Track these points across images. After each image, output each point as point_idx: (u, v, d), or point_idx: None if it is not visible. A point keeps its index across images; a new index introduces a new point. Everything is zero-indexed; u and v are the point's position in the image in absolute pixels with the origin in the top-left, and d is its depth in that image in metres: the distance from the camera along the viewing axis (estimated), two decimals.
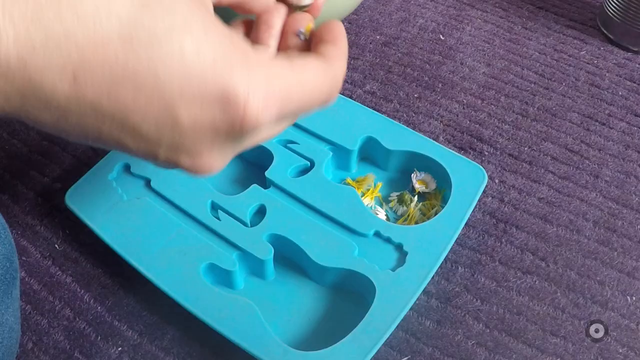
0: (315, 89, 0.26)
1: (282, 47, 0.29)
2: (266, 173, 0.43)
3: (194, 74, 0.22)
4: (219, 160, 0.25)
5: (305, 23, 0.29)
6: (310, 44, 0.29)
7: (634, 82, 0.56)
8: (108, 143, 0.23)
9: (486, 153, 0.50)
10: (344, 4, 0.55)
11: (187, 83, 0.22)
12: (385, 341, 0.36)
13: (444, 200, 0.44)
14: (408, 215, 0.44)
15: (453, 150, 0.47)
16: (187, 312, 0.37)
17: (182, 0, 0.22)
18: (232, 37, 0.23)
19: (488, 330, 0.39)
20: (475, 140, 0.51)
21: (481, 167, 0.44)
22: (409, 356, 0.38)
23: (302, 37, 0.29)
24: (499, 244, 0.44)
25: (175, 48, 0.21)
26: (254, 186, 0.43)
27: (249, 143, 0.26)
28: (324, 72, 0.26)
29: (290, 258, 0.41)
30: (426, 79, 0.57)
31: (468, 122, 0.53)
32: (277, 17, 0.30)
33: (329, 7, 0.54)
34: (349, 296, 0.40)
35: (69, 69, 0.20)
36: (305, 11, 0.30)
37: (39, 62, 0.20)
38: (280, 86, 0.24)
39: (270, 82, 0.24)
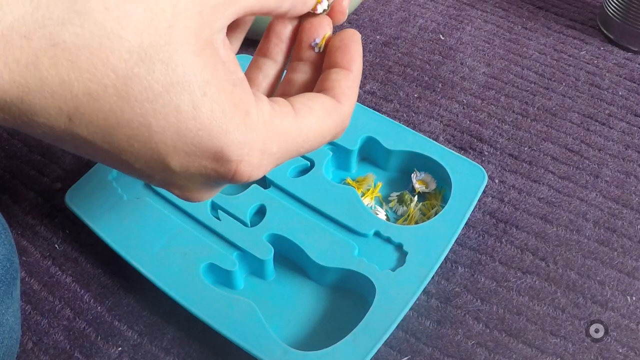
0: (319, 136, 0.25)
1: (295, 58, 0.29)
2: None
3: (188, 134, 0.22)
4: (208, 195, 0.26)
5: (322, 31, 0.28)
6: (323, 54, 0.28)
7: (634, 82, 0.56)
8: (104, 164, 0.24)
9: (486, 153, 0.50)
10: None
11: (181, 140, 0.22)
12: (385, 341, 0.36)
13: (444, 200, 0.44)
14: (408, 215, 0.44)
15: (453, 150, 0.47)
16: (187, 312, 0.37)
17: (184, 50, 0.21)
18: (234, 93, 0.22)
19: (488, 330, 0.39)
20: (475, 140, 0.51)
21: (481, 167, 0.44)
22: (409, 356, 0.38)
23: (316, 49, 0.28)
24: (499, 244, 0.44)
25: (171, 106, 0.21)
26: (254, 186, 0.43)
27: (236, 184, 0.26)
28: (332, 116, 0.26)
29: (290, 258, 0.41)
30: (426, 79, 0.57)
31: (468, 122, 0.53)
32: (289, 27, 0.28)
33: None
34: (349, 296, 0.40)
35: (64, 112, 0.20)
36: (327, 14, 0.28)
37: (35, 102, 0.20)
38: (279, 145, 0.24)
39: (267, 142, 0.23)
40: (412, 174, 0.46)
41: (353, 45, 0.27)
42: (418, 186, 0.45)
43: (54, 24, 0.19)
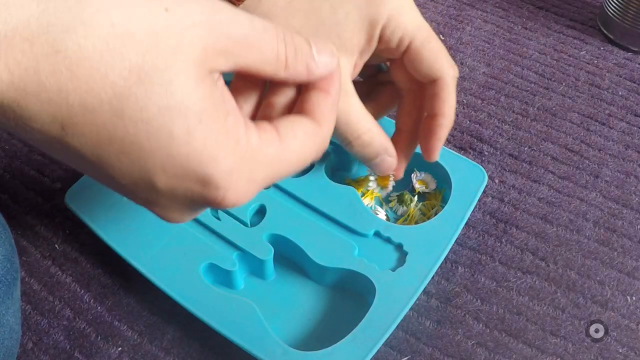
0: (301, 159, 0.26)
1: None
2: None
3: (178, 157, 0.22)
4: (188, 217, 0.26)
5: None
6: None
7: (634, 82, 0.56)
8: (91, 177, 0.24)
9: (486, 153, 0.50)
10: None
11: (171, 162, 0.22)
12: (385, 341, 0.36)
13: (444, 200, 0.44)
14: (408, 215, 0.44)
15: (453, 150, 0.47)
16: (187, 312, 0.37)
17: (185, 77, 0.21)
18: (227, 121, 0.23)
19: (488, 330, 0.39)
20: (475, 140, 0.51)
21: (481, 167, 0.44)
22: (409, 356, 0.38)
23: None
24: (499, 244, 0.44)
25: (165, 129, 0.21)
26: None
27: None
28: (313, 139, 0.26)
29: (290, 258, 0.41)
30: None
31: (468, 122, 0.53)
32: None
33: None
34: (349, 296, 0.40)
35: (58, 120, 0.20)
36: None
37: (31, 107, 0.20)
38: (264, 173, 0.24)
39: (254, 171, 0.24)
40: (412, 174, 0.46)
41: (332, 68, 0.28)
42: (418, 186, 0.45)
43: (58, 31, 0.20)
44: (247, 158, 0.23)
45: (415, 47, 0.36)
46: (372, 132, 0.37)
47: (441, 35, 0.61)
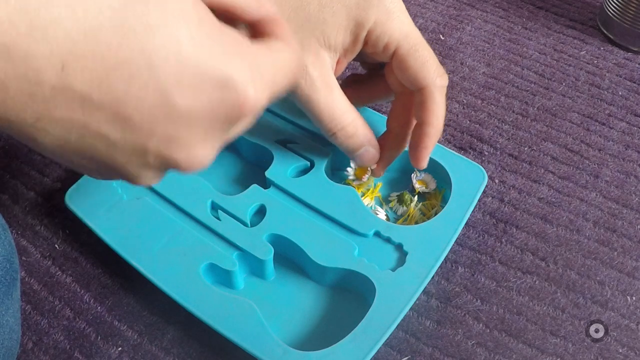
0: (288, 68, 0.27)
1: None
2: (266, 173, 0.43)
3: (190, 63, 0.21)
4: (210, 152, 0.25)
5: None
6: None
7: (634, 82, 0.56)
8: (91, 148, 0.22)
9: (486, 153, 0.50)
10: None
11: (184, 71, 0.21)
12: (385, 341, 0.36)
13: (444, 200, 0.44)
14: (408, 215, 0.44)
15: (453, 150, 0.47)
16: (187, 312, 0.37)
17: None
18: (223, 27, 0.23)
19: (488, 330, 0.39)
20: (475, 140, 0.51)
21: (481, 167, 0.44)
22: (409, 356, 0.38)
23: None
24: (499, 244, 0.44)
25: (170, 38, 0.21)
26: (254, 186, 0.43)
27: (237, 131, 0.26)
28: (292, 52, 0.27)
29: (290, 258, 0.41)
30: None
31: (468, 122, 0.53)
32: None
33: None
34: (349, 296, 0.40)
35: (56, 57, 0.19)
36: None
37: (23, 48, 0.19)
38: (269, 71, 0.25)
39: (261, 68, 0.24)
40: (412, 174, 0.46)
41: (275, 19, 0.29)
42: (418, 186, 0.45)
43: None
44: (252, 57, 0.24)
45: (402, 54, 0.37)
46: (355, 124, 0.38)
47: (441, 35, 0.61)
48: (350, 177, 0.45)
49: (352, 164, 0.45)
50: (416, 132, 0.39)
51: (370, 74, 0.44)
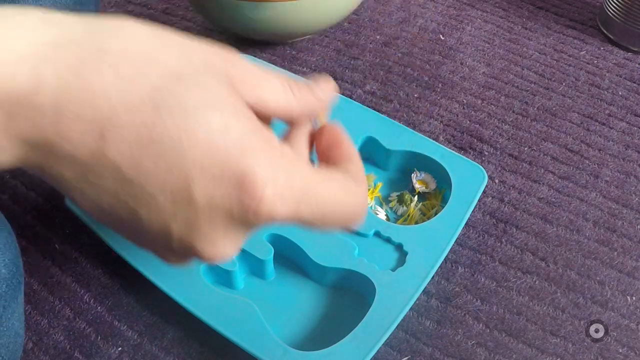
0: (337, 201, 0.25)
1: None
2: None
3: (217, 151, 0.21)
4: (231, 248, 0.24)
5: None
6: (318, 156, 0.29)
7: (634, 82, 0.56)
8: (121, 219, 0.23)
9: (486, 153, 0.50)
10: (344, 3, 0.55)
11: (210, 158, 0.21)
12: (385, 341, 0.36)
13: (444, 200, 0.44)
14: (408, 215, 0.44)
15: (453, 150, 0.47)
16: (187, 312, 0.37)
17: (216, 81, 0.22)
18: (261, 126, 0.23)
19: (488, 330, 0.39)
20: (475, 140, 0.51)
21: (481, 167, 0.44)
22: (409, 356, 0.38)
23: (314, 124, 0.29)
24: (499, 244, 0.44)
25: (203, 122, 0.21)
26: None
27: (259, 227, 0.25)
28: (349, 187, 0.26)
29: (290, 258, 0.41)
30: (426, 79, 0.57)
31: (468, 122, 0.53)
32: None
33: (329, 7, 0.55)
34: (349, 296, 0.40)
35: (97, 125, 0.20)
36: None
37: (72, 111, 0.20)
38: (300, 183, 0.23)
39: (290, 176, 0.23)
40: (412, 174, 0.46)
41: (347, 144, 0.29)
42: (418, 186, 0.45)
43: (104, 37, 0.21)
44: (282, 161, 0.23)
45: None
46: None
47: (441, 35, 0.61)
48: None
49: None
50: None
51: None
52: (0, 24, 0.20)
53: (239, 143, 0.22)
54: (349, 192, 0.25)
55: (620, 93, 0.55)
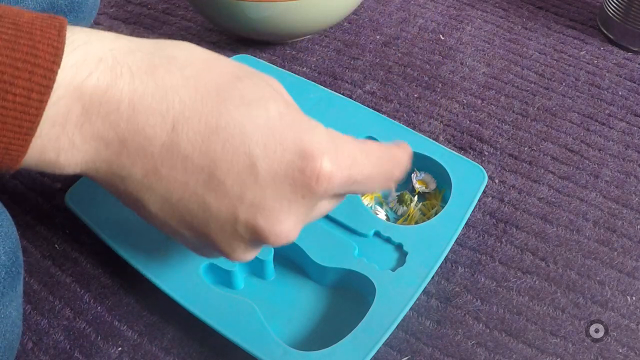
0: (377, 162, 0.29)
1: None
2: None
3: (277, 132, 0.25)
4: (295, 226, 0.27)
5: None
6: None
7: (634, 82, 0.56)
8: (189, 212, 0.25)
9: (486, 153, 0.50)
10: (344, 3, 0.55)
11: (270, 138, 0.24)
12: (385, 341, 0.36)
13: (444, 200, 0.44)
14: (408, 215, 0.44)
15: (453, 150, 0.47)
16: (187, 312, 0.37)
17: (265, 83, 0.26)
18: (306, 115, 0.27)
19: (488, 330, 0.39)
20: (475, 140, 0.51)
21: (481, 167, 0.44)
22: (409, 356, 0.38)
23: None
24: (499, 244, 0.44)
25: (262, 111, 0.25)
26: None
27: (318, 212, 0.29)
28: (385, 150, 0.30)
29: (290, 258, 0.41)
30: (426, 79, 0.57)
31: (468, 122, 0.53)
32: None
33: (329, 7, 0.55)
34: (349, 296, 0.40)
35: (170, 117, 0.23)
36: None
37: (146, 106, 0.23)
38: (348, 151, 0.27)
39: (340, 146, 0.27)
40: (412, 174, 0.46)
41: None
42: (418, 186, 0.45)
43: (172, 46, 0.25)
44: (330, 137, 0.27)
45: None
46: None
47: (441, 35, 0.61)
48: None
49: None
50: None
51: None
52: (74, 33, 0.22)
53: (295, 125, 0.25)
54: (386, 152, 0.30)
55: (620, 93, 0.55)
